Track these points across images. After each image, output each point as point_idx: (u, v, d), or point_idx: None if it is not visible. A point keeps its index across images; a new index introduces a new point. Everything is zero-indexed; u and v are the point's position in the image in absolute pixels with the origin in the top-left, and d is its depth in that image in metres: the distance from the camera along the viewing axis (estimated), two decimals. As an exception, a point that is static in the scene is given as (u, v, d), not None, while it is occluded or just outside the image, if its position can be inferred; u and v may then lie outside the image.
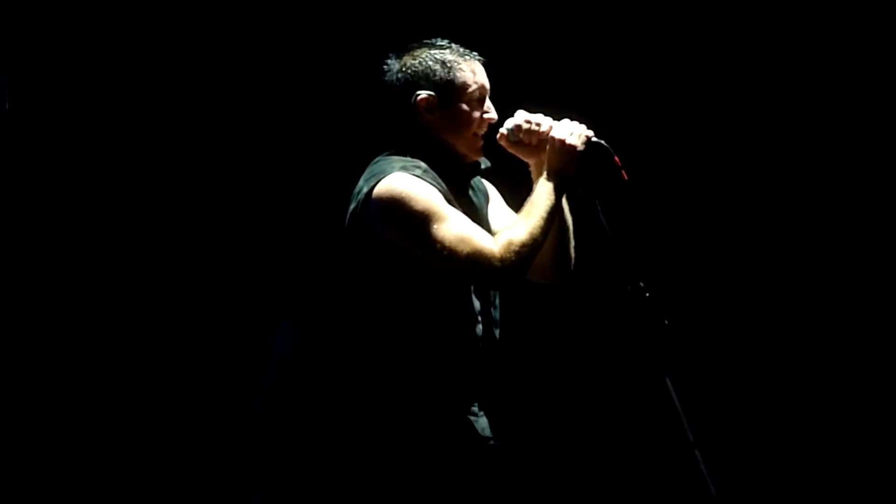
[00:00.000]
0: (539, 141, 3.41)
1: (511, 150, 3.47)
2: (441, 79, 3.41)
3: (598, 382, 5.78)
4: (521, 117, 3.44)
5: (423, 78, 3.41)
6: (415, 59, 3.44)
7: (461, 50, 3.46)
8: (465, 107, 3.42)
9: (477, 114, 3.43)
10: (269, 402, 3.59)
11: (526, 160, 3.47)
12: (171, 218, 5.61)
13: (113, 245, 5.57)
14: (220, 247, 5.63)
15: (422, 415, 3.32)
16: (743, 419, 5.74)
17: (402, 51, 3.48)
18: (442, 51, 3.44)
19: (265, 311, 5.28)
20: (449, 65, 3.42)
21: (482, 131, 3.46)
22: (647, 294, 3.38)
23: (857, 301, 5.71)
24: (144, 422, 5.53)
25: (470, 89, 3.42)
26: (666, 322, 3.36)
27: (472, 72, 3.44)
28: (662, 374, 3.32)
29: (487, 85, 3.47)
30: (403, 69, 3.43)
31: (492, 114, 3.46)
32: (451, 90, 3.41)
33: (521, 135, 3.42)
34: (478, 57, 3.48)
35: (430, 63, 3.42)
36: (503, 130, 3.45)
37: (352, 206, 3.35)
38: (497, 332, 3.47)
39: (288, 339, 4.22)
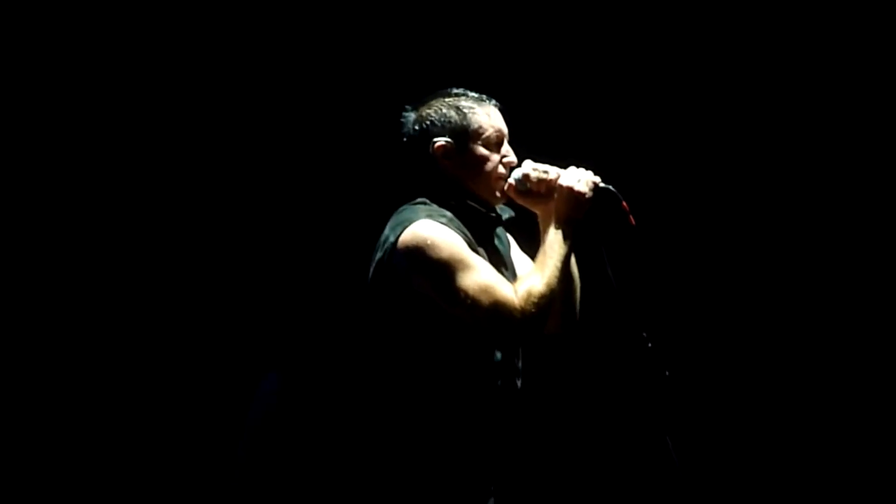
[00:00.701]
0: (547, 189, 3.43)
1: (520, 201, 3.48)
2: (456, 124, 3.44)
3: (600, 429, 5.77)
4: (528, 167, 3.46)
5: (439, 125, 3.44)
6: (430, 109, 3.47)
7: (476, 96, 3.50)
8: (482, 150, 3.45)
9: (495, 157, 3.46)
10: (252, 452, 3.59)
11: (534, 210, 3.48)
12: (157, 269, 5.61)
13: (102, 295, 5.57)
14: (207, 295, 5.62)
15: (436, 468, 3.33)
16: (745, 452, 5.75)
17: (417, 102, 3.51)
18: (456, 98, 3.48)
19: (250, 362, 5.28)
20: (464, 110, 3.46)
21: (503, 174, 3.47)
22: (650, 345, 3.40)
23: (860, 324, 5.72)
24: (132, 466, 5.53)
25: (486, 133, 3.45)
26: (667, 373, 3.38)
27: (487, 115, 3.47)
28: (662, 430, 3.34)
29: (505, 129, 3.49)
30: (420, 119, 3.47)
31: (511, 157, 3.48)
32: (466, 135, 3.44)
33: (529, 184, 3.44)
34: (494, 102, 3.52)
35: (445, 110, 3.46)
36: (511, 181, 3.46)
37: (378, 255, 3.37)
38: (518, 383, 3.47)
39: (273, 389, 4.22)
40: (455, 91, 3.51)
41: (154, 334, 5.61)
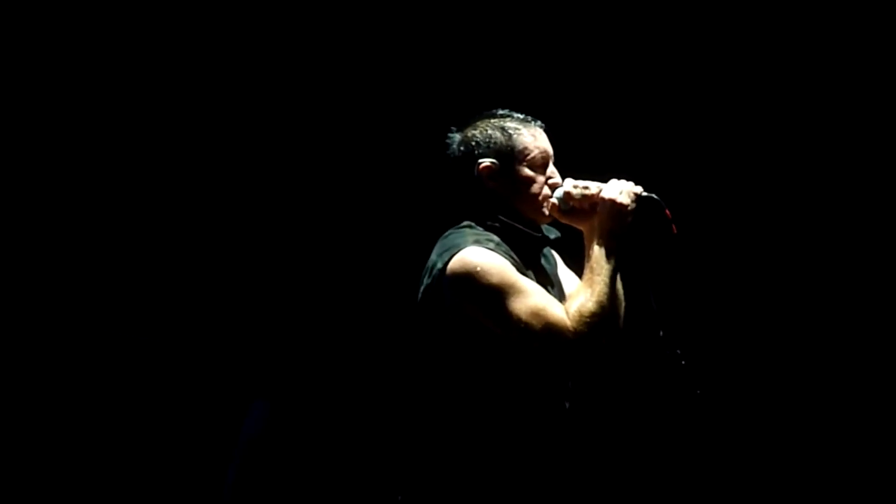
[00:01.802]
0: (591, 205, 3.43)
1: (564, 220, 3.48)
2: (502, 145, 3.45)
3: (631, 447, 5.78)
4: (569, 184, 3.46)
5: (485, 146, 3.45)
6: (475, 130, 3.48)
7: (521, 117, 3.51)
8: (527, 171, 3.45)
9: (541, 178, 3.47)
10: (243, 477, 3.59)
11: (579, 227, 3.47)
12: (146, 297, 5.59)
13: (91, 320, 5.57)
14: (194, 324, 5.62)
15: (497, 488, 3.33)
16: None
17: (462, 123, 3.52)
18: (502, 119, 3.49)
19: (236, 390, 5.27)
20: (509, 131, 3.46)
21: (548, 195, 3.47)
22: (683, 362, 3.40)
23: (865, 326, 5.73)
24: (125, 487, 5.51)
25: (531, 154, 3.46)
26: (698, 392, 3.38)
27: (532, 136, 3.48)
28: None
29: (550, 150, 3.50)
30: (465, 140, 3.48)
31: (556, 178, 3.49)
32: (511, 156, 3.44)
33: (572, 202, 3.44)
34: (539, 123, 3.53)
35: (490, 131, 3.46)
36: (553, 200, 3.46)
37: (426, 282, 3.37)
38: (567, 405, 3.45)
39: (260, 418, 4.21)
40: (500, 112, 3.52)
41: (147, 354, 5.59)
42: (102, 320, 5.59)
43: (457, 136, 3.51)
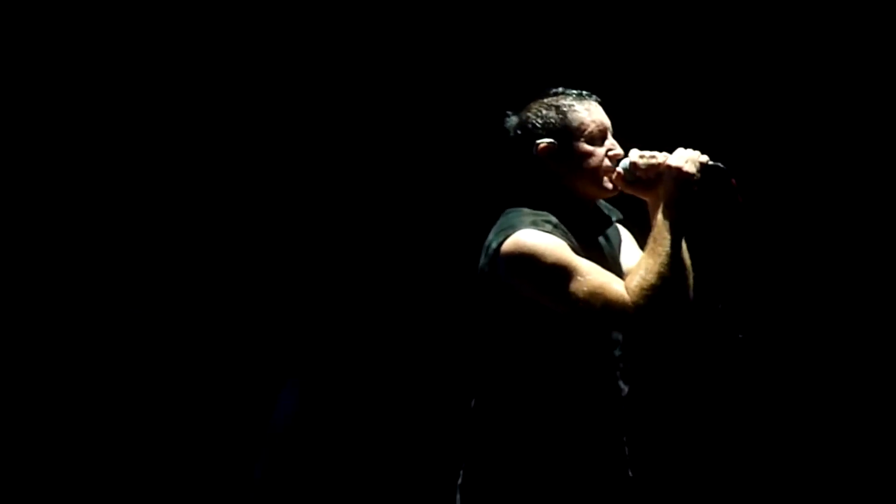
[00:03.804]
0: (656, 175, 3.41)
1: (629, 191, 3.47)
2: (558, 123, 3.46)
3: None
4: (634, 155, 3.45)
5: (541, 127, 3.46)
6: (530, 112, 3.50)
7: (574, 93, 3.51)
8: (586, 146, 3.45)
9: (600, 150, 3.46)
10: (274, 459, 3.59)
11: (645, 198, 3.46)
12: (180, 273, 5.62)
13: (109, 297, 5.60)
14: (228, 303, 5.63)
15: (565, 468, 3.35)
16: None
17: (517, 106, 3.53)
18: (555, 98, 3.50)
19: (269, 370, 5.29)
20: (563, 109, 3.47)
21: (610, 167, 3.47)
22: (741, 336, 3.40)
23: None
24: (149, 475, 5.54)
25: (588, 129, 3.46)
26: (741, 336, 3.37)
27: (587, 111, 3.48)
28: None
29: (607, 122, 3.50)
30: (521, 123, 3.49)
31: (617, 149, 3.48)
32: (568, 133, 3.45)
33: (638, 172, 3.43)
34: (594, 97, 3.53)
35: (545, 111, 3.48)
36: (619, 170, 3.45)
37: (482, 261, 3.39)
38: (625, 386, 3.46)
39: (294, 397, 4.21)
40: (553, 91, 3.53)
41: (174, 343, 5.62)
42: (129, 302, 5.62)
43: (513, 119, 3.52)
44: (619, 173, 3.46)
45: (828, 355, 5.72)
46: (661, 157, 3.43)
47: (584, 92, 3.54)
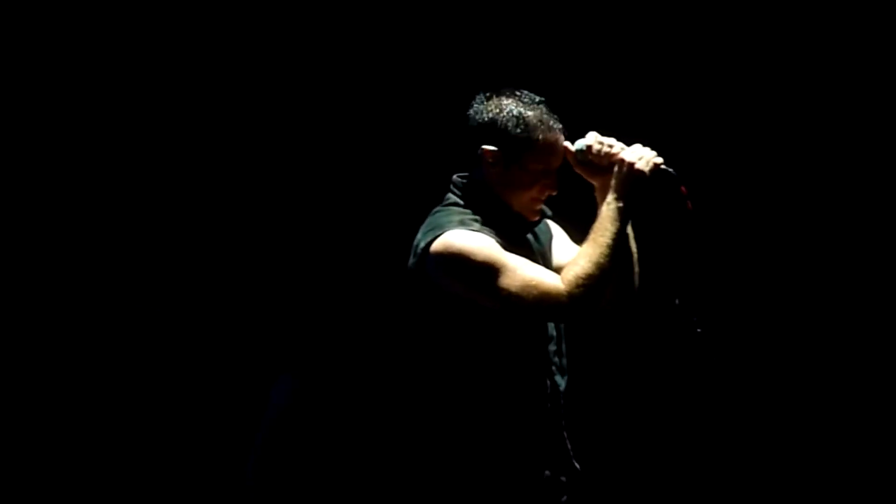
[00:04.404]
0: (608, 163, 3.40)
1: (577, 169, 3.46)
2: (515, 139, 3.37)
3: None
4: (592, 138, 3.44)
5: (500, 130, 3.38)
6: (501, 109, 3.39)
7: (548, 116, 3.41)
8: (527, 173, 3.39)
9: (538, 184, 3.41)
10: (266, 457, 3.56)
11: (591, 181, 3.46)
12: (173, 259, 5.62)
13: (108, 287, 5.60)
14: (219, 298, 5.62)
15: (482, 466, 3.36)
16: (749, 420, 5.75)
17: (494, 92, 3.44)
18: (530, 109, 3.40)
19: (262, 364, 5.28)
20: (529, 128, 3.37)
21: (541, 198, 3.44)
22: (699, 330, 3.40)
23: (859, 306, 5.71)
24: (142, 471, 5.57)
25: (539, 159, 3.39)
26: (699, 330, 3.38)
27: (549, 144, 3.39)
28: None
29: (559, 160, 3.42)
30: (486, 113, 3.40)
31: (553, 189, 3.43)
32: (520, 152, 3.37)
33: (591, 156, 3.42)
34: (561, 126, 3.43)
35: (513, 119, 3.38)
36: (573, 149, 3.44)
37: (411, 260, 3.38)
38: (562, 381, 3.47)
39: (286, 391, 4.18)
40: (533, 99, 3.43)
41: (165, 337, 5.62)
42: (121, 299, 5.62)
43: (481, 106, 3.42)
44: (571, 152, 3.44)
45: (788, 352, 5.76)
46: (617, 148, 3.42)
47: (556, 118, 3.42)
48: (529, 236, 3.49)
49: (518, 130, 3.37)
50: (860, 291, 5.73)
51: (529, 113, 3.39)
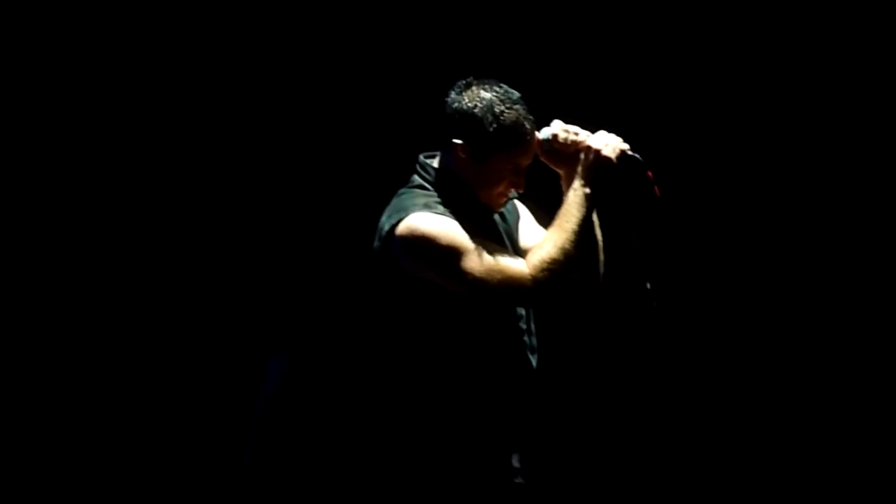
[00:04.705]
0: (574, 151, 3.40)
1: (543, 159, 3.46)
2: (489, 136, 3.35)
3: (619, 397, 5.79)
4: (558, 126, 3.44)
5: (475, 125, 3.35)
6: (478, 103, 3.36)
7: (524, 116, 3.38)
8: (498, 171, 3.38)
9: (506, 181, 3.40)
10: (262, 438, 3.53)
11: (557, 169, 3.46)
12: (166, 246, 5.58)
13: (101, 273, 5.57)
14: (215, 279, 5.60)
15: (457, 447, 3.36)
16: (745, 420, 5.76)
17: (475, 81, 3.41)
18: (509, 108, 3.36)
19: (258, 345, 5.27)
20: (505, 127, 3.35)
21: (508, 194, 3.44)
22: (655, 302, 3.42)
23: (857, 302, 5.73)
24: (133, 461, 5.53)
25: (511, 159, 3.38)
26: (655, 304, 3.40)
27: (522, 145, 3.37)
28: (681, 398, 3.36)
29: (529, 161, 3.41)
30: (464, 103, 3.37)
31: (521, 188, 3.43)
32: (492, 151, 3.36)
33: (556, 144, 3.42)
34: (534, 126, 3.41)
35: (489, 116, 3.35)
36: (540, 137, 3.43)
37: (375, 243, 3.37)
38: (534, 360, 3.48)
39: (281, 372, 4.17)
40: (512, 95, 3.39)
41: (163, 307, 5.60)
42: (116, 280, 5.59)
43: (460, 95, 3.38)
44: (537, 140, 3.44)
45: (763, 338, 5.78)
46: (582, 136, 3.42)
47: (532, 120, 3.39)
48: (496, 217, 3.48)
49: (493, 129, 3.35)
50: (839, 280, 5.75)
51: (506, 112, 3.36)
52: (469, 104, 3.36)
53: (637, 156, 3.42)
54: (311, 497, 3.92)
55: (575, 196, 3.36)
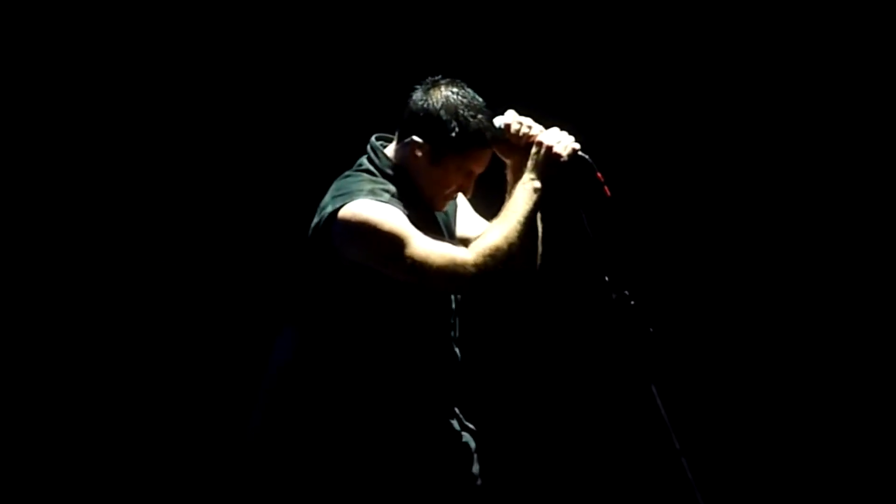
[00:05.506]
0: (525, 143, 3.41)
1: (492, 147, 3.43)
2: (450, 139, 3.35)
3: (584, 391, 5.76)
4: (511, 117, 3.43)
5: (436, 127, 3.36)
6: (442, 106, 3.36)
7: (486, 125, 3.38)
8: (451, 175, 3.39)
9: (455, 184, 3.41)
10: (270, 411, 3.52)
11: (506, 159, 3.46)
12: (174, 222, 5.58)
13: (107, 248, 5.56)
14: (221, 252, 5.60)
15: (401, 422, 3.37)
16: (731, 423, 5.76)
17: (443, 81, 3.41)
18: (473, 115, 3.36)
19: (265, 317, 5.24)
20: (466, 135, 3.36)
21: (453, 197, 3.46)
22: (633, 302, 3.41)
23: (853, 303, 5.72)
24: (141, 433, 5.53)
25: (466, 165, 3.39)
26: (651, 330, 3.39)
27: (480, 154, 3.38)
28: (648, 382, 3.37)
29: (482, 169, 3.43)
30: (429, 103, 3.37)
31: (468, 192, 3.46)
32: (449, 155, 3.37)
33: (508, 134, 3.41)
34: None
35: (452, 120, 3.35)
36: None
37: (315, 221, 3.36)
38: (458, 351, 3.49)
39: (288, 345, 4.13)
40: (474, 104, 3.38)
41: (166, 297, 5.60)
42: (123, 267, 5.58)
43: (426, 95, 3.38)
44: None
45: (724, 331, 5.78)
46: (535, 130, 3.42)
47: (494, 128, 3.40)
48: (436, 214, 3.49)
49: (454, 134, 3.35)
50: (813, 274, 5.74)
51: (470, 119, 3.36)
52: (435, 105, 3.36)
53: (587, 157, 3.43)
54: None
55: (524, 189, 3.38)
